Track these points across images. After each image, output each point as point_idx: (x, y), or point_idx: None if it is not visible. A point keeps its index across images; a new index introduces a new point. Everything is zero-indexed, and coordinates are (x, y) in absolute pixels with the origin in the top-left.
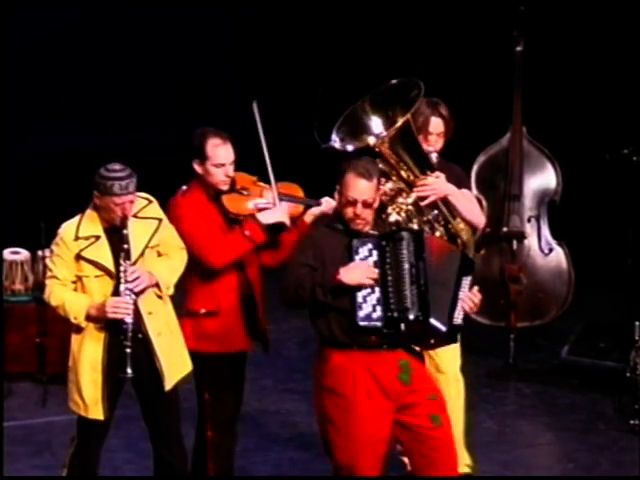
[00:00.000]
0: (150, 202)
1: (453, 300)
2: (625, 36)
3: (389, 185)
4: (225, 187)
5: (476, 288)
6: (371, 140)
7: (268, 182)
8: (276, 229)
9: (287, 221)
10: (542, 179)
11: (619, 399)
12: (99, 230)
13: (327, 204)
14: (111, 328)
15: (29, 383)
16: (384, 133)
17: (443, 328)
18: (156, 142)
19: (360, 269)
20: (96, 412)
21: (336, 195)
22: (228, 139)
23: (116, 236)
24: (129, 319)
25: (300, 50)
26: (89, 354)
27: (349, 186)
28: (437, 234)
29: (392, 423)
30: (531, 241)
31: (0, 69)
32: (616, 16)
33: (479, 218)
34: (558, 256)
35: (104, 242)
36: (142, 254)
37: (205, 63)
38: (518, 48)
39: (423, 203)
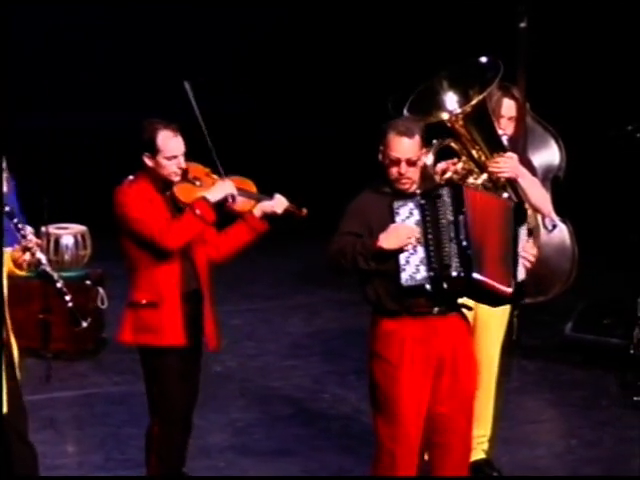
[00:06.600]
0: None
1: (514, 256)
2: (630, 13)
3: (460, 165)
4: (177, 178)
5: (531, 240)
6: (445, 116)
7: (220, 174)
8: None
9: (235, 193)
10: (546, 156)
11: (622, 375)
12: None
13: (278, 201)
14: None
15: (33, 359)
16: (459, 110)
17: (503, 288)
18: None
19: (398, 232)
20: None
21: (380, 157)
22: (178, 130)
23: None
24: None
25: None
26: None
27: (391, 145)
28: None
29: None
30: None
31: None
32: None
33: (547, 205)
34: (562, 233)
35: None
36: None
37: (206, 64)
38: (522, 24)
39: (500, 177)
